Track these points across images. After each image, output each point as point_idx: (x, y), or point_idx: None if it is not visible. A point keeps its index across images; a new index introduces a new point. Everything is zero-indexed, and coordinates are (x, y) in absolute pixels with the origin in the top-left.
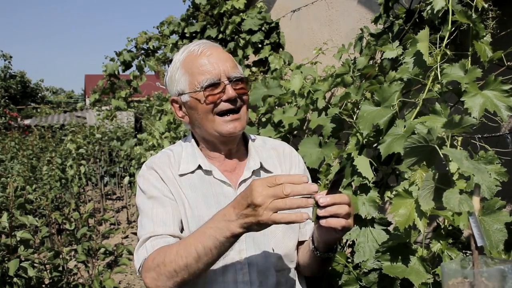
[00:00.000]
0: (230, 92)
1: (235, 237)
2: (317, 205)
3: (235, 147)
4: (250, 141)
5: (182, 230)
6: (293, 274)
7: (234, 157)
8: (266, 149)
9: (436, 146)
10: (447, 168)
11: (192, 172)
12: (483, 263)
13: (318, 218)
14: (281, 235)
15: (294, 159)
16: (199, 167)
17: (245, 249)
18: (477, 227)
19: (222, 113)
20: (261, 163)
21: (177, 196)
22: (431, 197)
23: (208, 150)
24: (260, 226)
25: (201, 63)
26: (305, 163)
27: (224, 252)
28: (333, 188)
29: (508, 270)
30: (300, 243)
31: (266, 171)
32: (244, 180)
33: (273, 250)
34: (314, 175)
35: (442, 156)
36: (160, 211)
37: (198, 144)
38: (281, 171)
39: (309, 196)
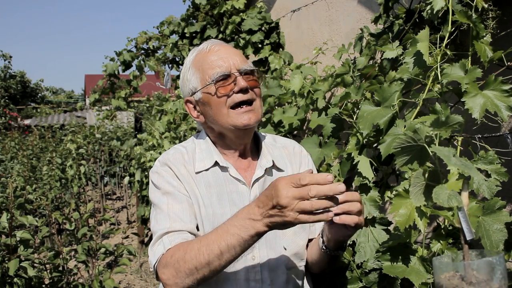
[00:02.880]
0: (242, 83)
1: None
2: None
3: (249, 144)
4: (261, 139)
5: (197, 227)
6: (302, 271)
7: (247, 155)
8: (277, 147)
9: (424, 144)
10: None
11: (207, 169)
12: (474, 256)
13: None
14: (292, 234)
15: (304, 158)
16: (216, 163)
17: (257, 248)
18: (466, 221)
19: (235, 106)
20: (273, 161)
21: (192, 194)
22: (422, 194)
23: (222, 148)
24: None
25: (211, 59)
26: None
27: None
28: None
29: (496, 261)
30: (309, 240)
31: (278, 169)
32: (257, 179)
33: (285, 249)
34: None
35: (431, 154)
36: (176, 207)
37: (212, 142)
38: (292, 171)
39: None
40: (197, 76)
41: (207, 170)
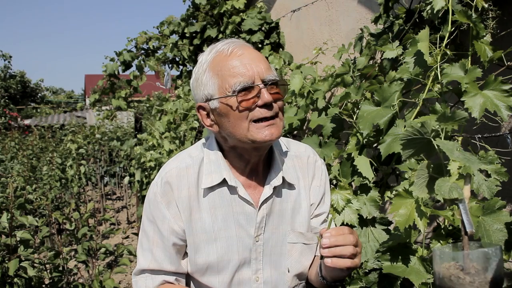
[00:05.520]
0: (266, 96)
1: None
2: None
3: (263, 155)
4: (274, 149)
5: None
6: (303, 286)
7: (259, 169)
8: (290, 157)
9: (431, 138)
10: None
11: (213, 188)
12: (474, 248)
13: (323, 257)
14: (297, 255)
15: (317, 169)
16: (224, 181)
17: (262, 269)
18: (466, 213)
19: (256, 120)
20: (283, 178)
21: (188, 225)
22: (425, 186)
23: (234, 160)
24: None
25: (232, 65)
26: None
27: None
28: None
29: (492, 253)
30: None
31: (289, 185)
32: (266, 200)
33: (289, 270)
34: None
35: (436, 147)
36: (160, 246)
37: (223, 153)
38: (304, 185)
39: None
40: (214, 81)
41: (213, 189)
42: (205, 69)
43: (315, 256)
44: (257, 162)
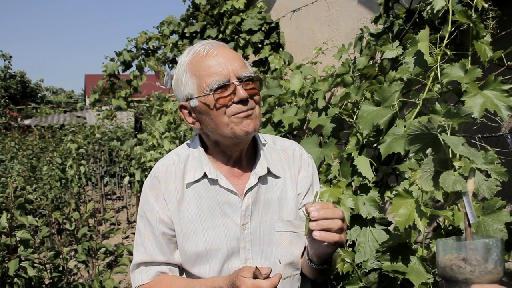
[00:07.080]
0: (241, 93)
1: None
2: (309, 218)
3: (245, 150)
4: (259, 143)
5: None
6: (298, 279)
7: (242, 161)
8: (275, 150)
9: (437, 133)
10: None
11: (198, 181)
12: (476, 239)
13: (311, 231)
14: (287, 243)
15: (303, 161)
16: (205, 175)
17: (251, 258)
18: (469, 206)
19: (234, 115)
20: (268, 169)
21: (174, 213)
22: (431, 179)
23: (217, 155)
24: None
25: (208, 64)
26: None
27: None
28: None
29: (492, 244)
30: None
31: (275, 176)
32: (251, 188)
33: (279, 259)
34: None
35: (442, 142)
36: (151, 238)
37: (206, 149)
38: (290, 176)
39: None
40: (193, 81)
41: (197, 181)
42: (184, 70)
43: (305, 247)
44: (239, 156)
